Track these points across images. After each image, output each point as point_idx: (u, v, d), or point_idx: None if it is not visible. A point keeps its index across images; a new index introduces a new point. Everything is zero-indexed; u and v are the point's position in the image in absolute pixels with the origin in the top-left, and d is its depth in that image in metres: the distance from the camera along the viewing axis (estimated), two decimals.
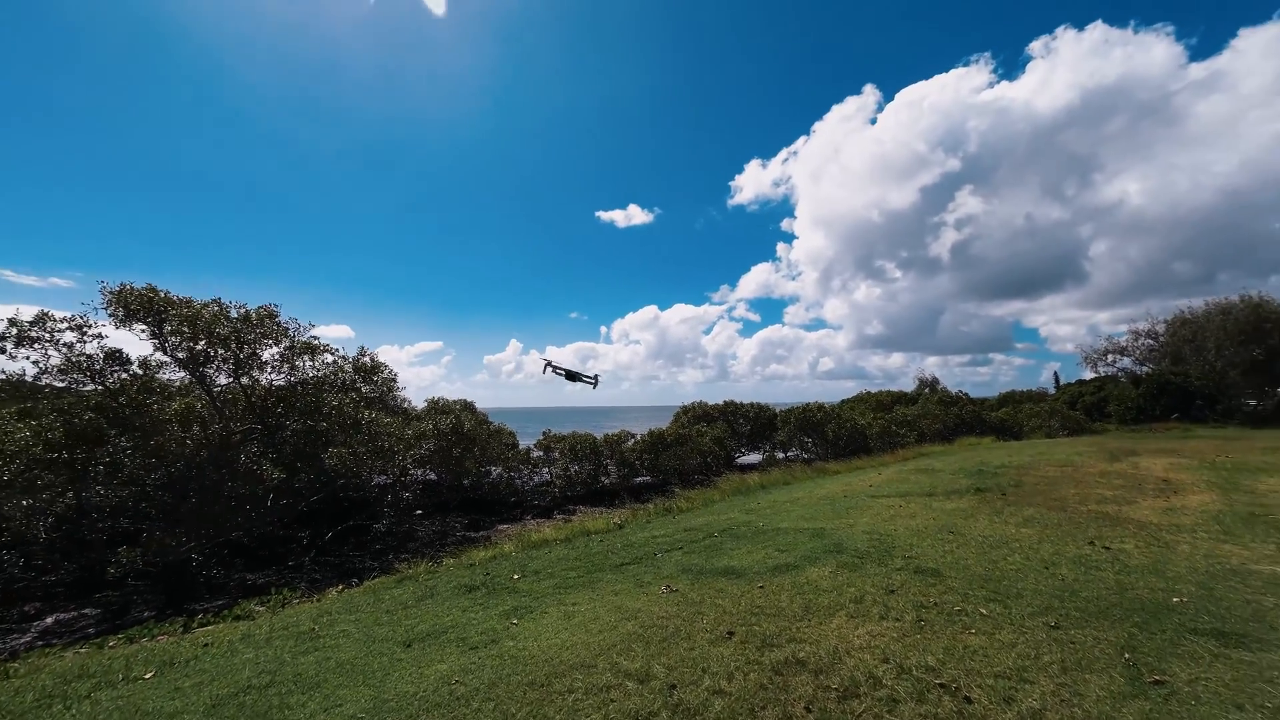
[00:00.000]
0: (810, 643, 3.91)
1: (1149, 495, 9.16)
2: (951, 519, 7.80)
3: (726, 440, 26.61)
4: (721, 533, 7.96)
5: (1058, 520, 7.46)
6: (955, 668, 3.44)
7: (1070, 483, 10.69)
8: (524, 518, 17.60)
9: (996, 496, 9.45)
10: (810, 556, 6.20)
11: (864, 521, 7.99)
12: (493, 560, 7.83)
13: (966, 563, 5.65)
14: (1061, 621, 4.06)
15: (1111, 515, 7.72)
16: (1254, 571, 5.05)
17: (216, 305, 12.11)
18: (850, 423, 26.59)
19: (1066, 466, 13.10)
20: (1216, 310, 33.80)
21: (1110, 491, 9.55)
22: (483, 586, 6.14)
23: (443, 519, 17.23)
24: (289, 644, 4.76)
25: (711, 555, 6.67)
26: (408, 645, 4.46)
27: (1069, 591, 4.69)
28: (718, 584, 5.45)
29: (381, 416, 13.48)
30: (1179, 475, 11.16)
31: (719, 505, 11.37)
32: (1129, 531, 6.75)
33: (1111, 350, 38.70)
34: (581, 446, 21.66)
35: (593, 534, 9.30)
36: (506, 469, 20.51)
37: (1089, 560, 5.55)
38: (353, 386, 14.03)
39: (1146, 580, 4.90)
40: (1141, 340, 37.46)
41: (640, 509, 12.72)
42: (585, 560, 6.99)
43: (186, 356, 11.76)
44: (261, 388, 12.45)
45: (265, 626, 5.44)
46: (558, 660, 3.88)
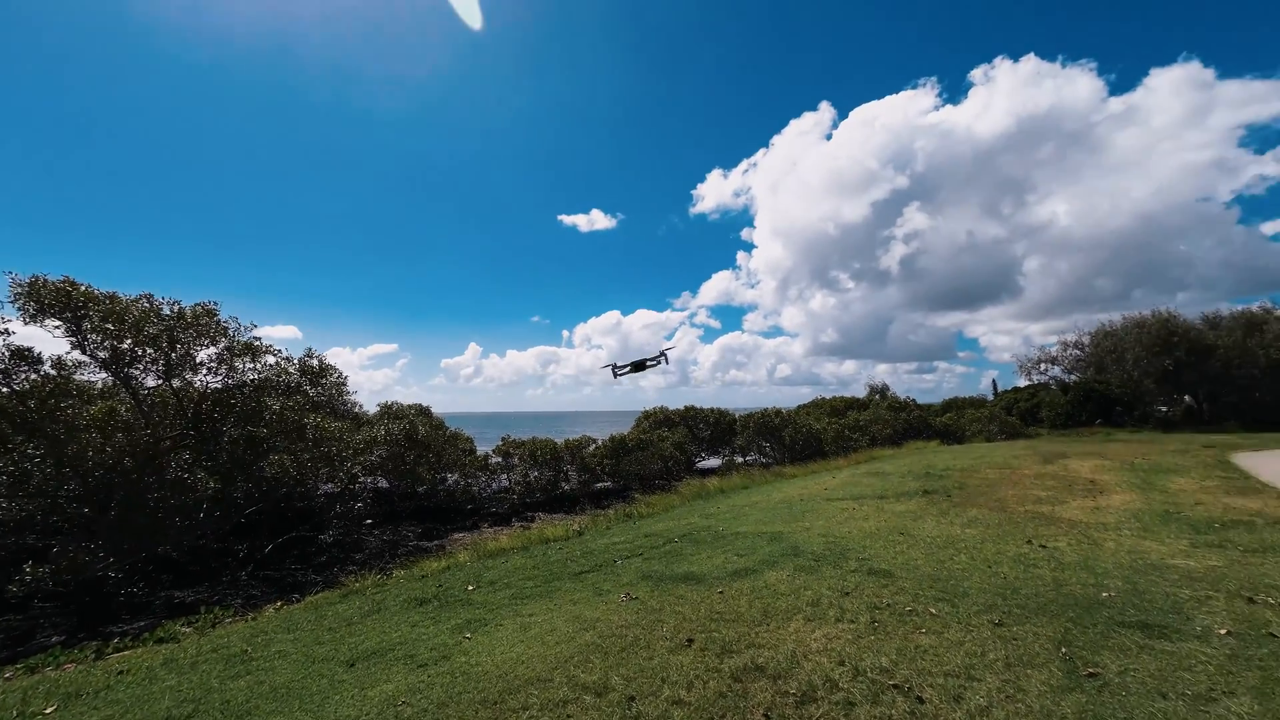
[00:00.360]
0: (769, 648, 3.92)
1: (1078, 495, 9.78)
2: (902, 521, 8.08)
3: (687, 445, 26.80)
4: (681, 538, 7.95)
5: (999, 520, 7.84)
6: (908, 668, 3.53)
7: (1009, 484, 11.30)
8: (481, 526, 17.11)
9: (943, 498, 9.87)
10: (769, 560, 6.26)
11: (820, 525, 8.16)
12: (446, 571, 7.54)
13: (916, 563, 5.84)
14: (1004, 619, 4.24)
15: (1046, 515, 8.18)
16: (1171, 566, 5.44)
17: (146, 301, 11.21)
18: (806, 427, 27.29)
19: (1005, 469, 13.85)
20: (1133, 324, 36.71)
21: (1044, 492, 10.14)
22: (435, 599, 5.89)
23: (394, 529, 16.54)
24: (218, 668, 4.40)
25: (671, 561, 6.65)
26: (351, 665, 4.20)
27: (1010, 589, 4.91)
28: (678, 590, 5.42)
29: (329, 421, 12.81)
30: (1103, 476, 11.99)
31: (679, 510, 11.39)
32: (1062, 530, 7.16)
33: (1044, 360, 41.37)
34: (542, 452, 21.31)
35: (551, 542, 9.12)
36: (463, 476, 19.92)
37: (1027, 559, 5.85)
38: (298, 390, 13.29)
39: (1079, 576, 5.20)
40: (1069, 351, 40.23)
41: (600, 515, 12.59)
42: (543, 569, 6.82)
43: (109, 356, 10.83)
44: (195, 391, 11.61)
45: (192, 649, 5.02)
46: (512, 675, 3.74)
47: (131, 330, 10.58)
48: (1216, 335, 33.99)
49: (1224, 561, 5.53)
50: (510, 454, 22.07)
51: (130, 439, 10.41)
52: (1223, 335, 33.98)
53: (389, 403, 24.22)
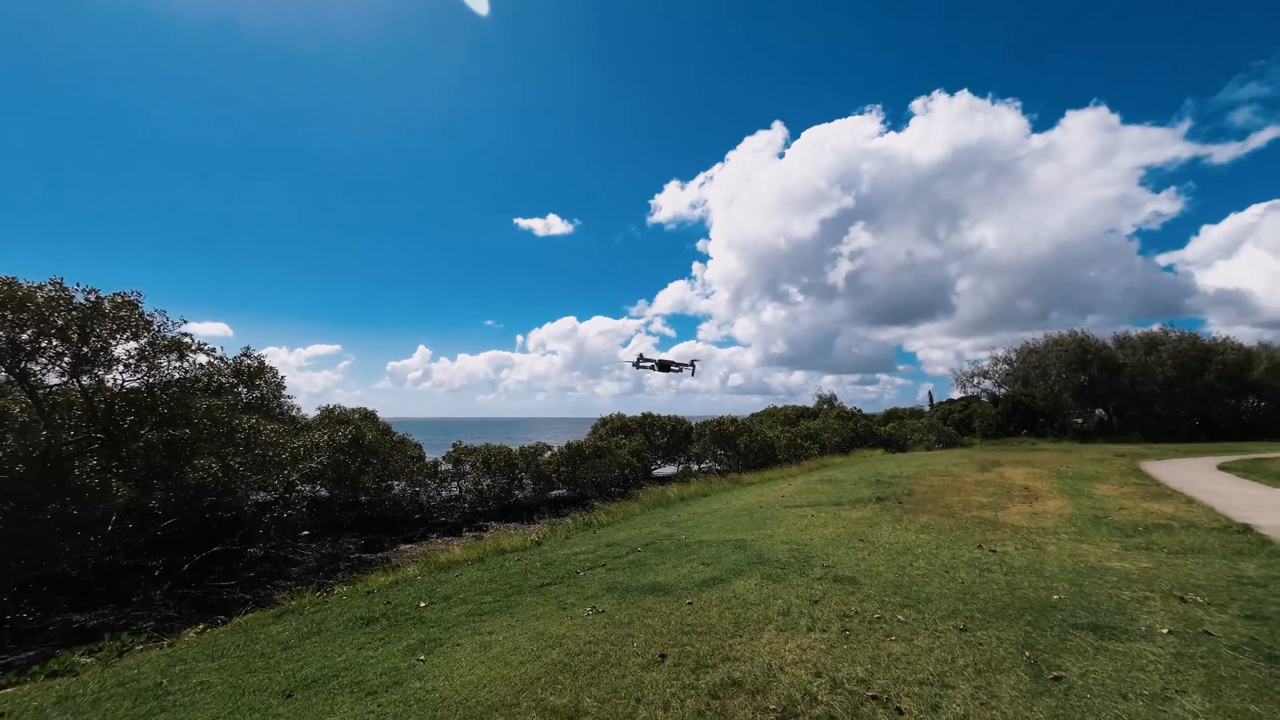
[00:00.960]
0: (744, 661, 3.82)
1: (1016, 501, 10.35)
2: (859, 527, 8.25)
3: (644, 452, 26.71)
4: (645, 547, 7.80)
5: (949, 526, 8.14)
6: (883, 677, 3.51)
7: (953, 491, 11.83)
8: (430, 537, 16.30)
9: (895, 505, 10.19)
10: (735, 569, 6.20)
11: (781, 532, 8.21)
12: (394, 586, 7.05)
13: (879, 570, 5.93)
14: (968, 624, 4.33)
15: (990, 520, 8.58)
16: (1109, 568, 5.77)
17: (54, 288, 10.01)
18: (760, 435, 27.82)
19: (947, 476, 14.53)
20: (1053, 343, 39.84)
21: (986, 499, 10.67)
22: (383, 618, 5.46)
23: (334, 540, 15.49)
24: (125, 705, 3.85)
25: (636, 572, 6.47)
26: (288, 696, 3.78)
27: (969, 594, 5.05)
28: (645, 602, 5.25)
29: (263, 424, 11.86)
30: (1036, 483, 12.78)
31: (640, 518, 11.22)
32: (1007, 535, 7.51)
33: (976, 374, 44.14)
34: (495, 459, 20.65)
35: (508, 552, 8.75)
36: (411, 484, 18.98)
37: (980, 563, 6.06)
38: (230, 390, 12.24)
39: (1029, 580, 5.42)
40: (999, 365, 43.13)
41: (558, 524, 12.24)
42: (502, 582, 6.49)
43: (4, 348, 9.60)
44: (108, 390, 10.47)
45: (93, 684, 4.40)
46: (474, 701, 3.46)
47: (34, 320, 9.43)
48: (1124, 354, 37.41)
49: (1153, 563, 5.92)
50: (462, 461, 21.25)
51: (23, 443, 9.23)
52: (1129, 354, 37.44)
53: (331, 406, 22.83)
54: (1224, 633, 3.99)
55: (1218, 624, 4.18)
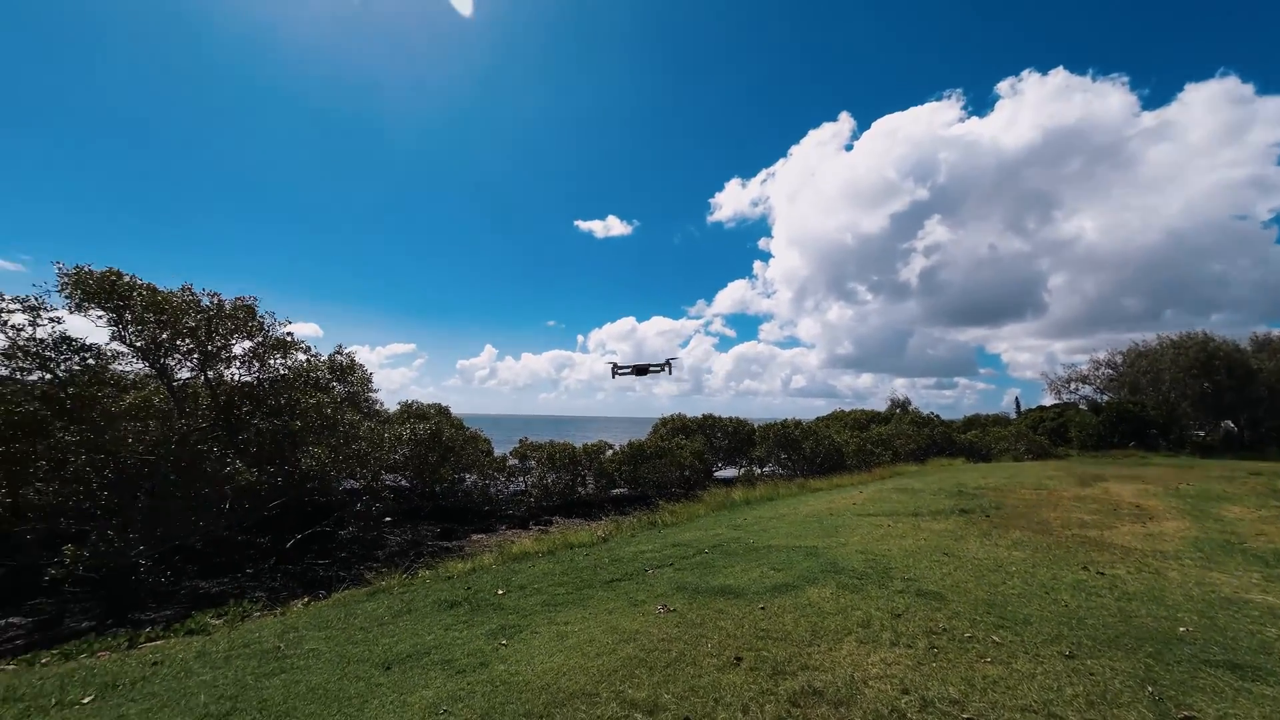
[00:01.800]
0: (824, 670, 3.71)
1: (1126, 520, 9.34)
2: (942, 540, 7.76)
3: (705, 454, 26.49)
4: (712, 549, 7.74)
5: (1046, 544, 7.48)
6: (979, 700, 3.29)
7: (1048, 506, 10.85)
8: (498, 528, 17.03)
9: (981, 518, 9.50)
10: (808, 576, 6.02)
11: (855, 540, 7.88)
12: (473, 573, 7.42)
13: (967, 586, 5.56)
14: (1075, 650, 3.97)
15: (1096, 540, 7.79)
16: (1248, 601, 5.08)
17: (187, 294, 11.41)
18: (828, 440, 26.81)
19: (1041, 490, 13.35)
20: (1170, 345, 35.50)
21: (1089, 516, 9.70)
22: (465, 602, 5.76)
23: (413, 527, 16.55)
24: (251, 664, 4.32)
25: (705, 573, 6.44)
26: (387, 668, 4.08)
27: (1075, 618, 4.62)
28: (716, 604, 5.22)
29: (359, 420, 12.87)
30: (1149, 502, 11.46)
31: (704, 520, 11.15)
32: (1117, 556, 6.80)
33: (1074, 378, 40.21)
34: (560, 456, 21.22)
35: (576, 547, 8.97)
36: (481, 477, 19.90)
37: (1087, 586, 5.53)
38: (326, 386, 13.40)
39: (1148, 608, 4.88)
40: (1102, 370, 39.06)
41: (623, 522, 12.40)
42: (573, 575, 6.67)
43: (147, 346, 11.03)
44: (228, 384, 11.76)
45: (223, 643, 4.96)
46: (556, 688, 3.59)
47: (171, 321, 10.76)
48: (1261, 359, 32.69)
49: None
50: (528, 456, 22.01)
51: (163, 429, 10.54)
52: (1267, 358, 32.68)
53: (410, 402, 24.39)
54: None
55: None
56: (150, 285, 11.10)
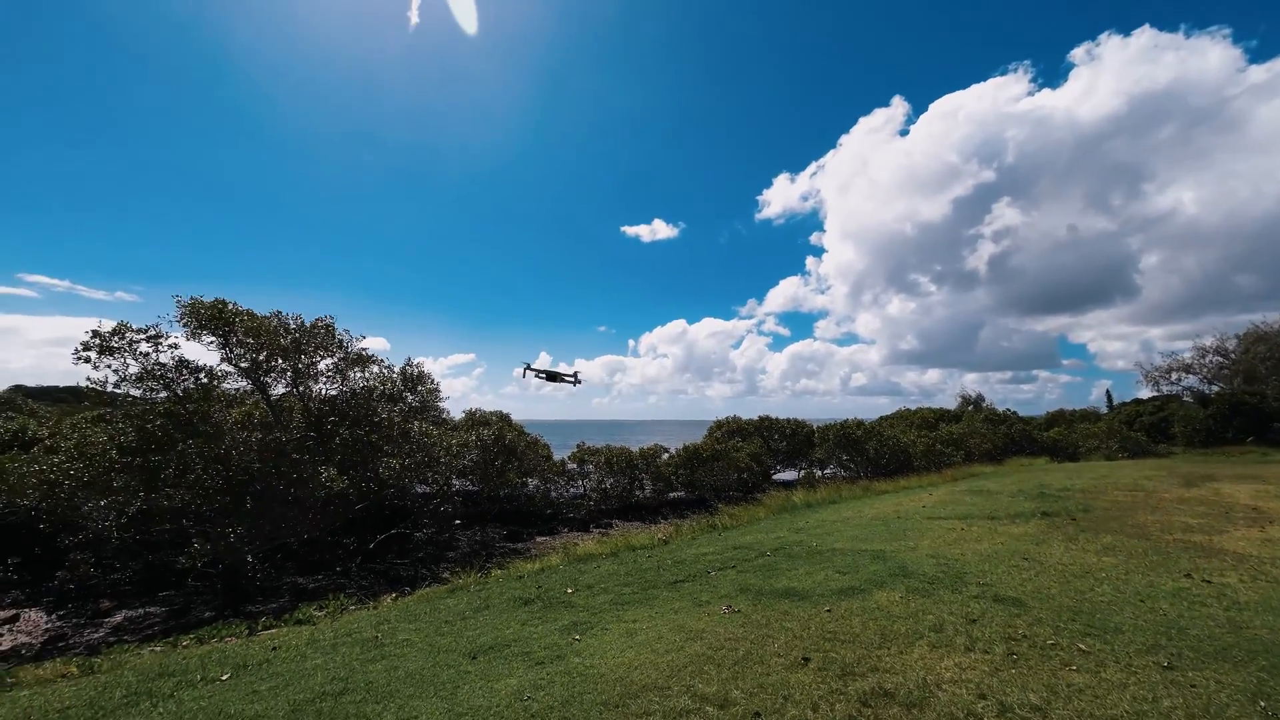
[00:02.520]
0: (895, 673, 3.70)
1: (1240, 525, 8.47)
2: (1021, 544, 7.37)
3: (763, 456, 26.12)
4: (774, 551, 7.72)
5: (1142, 549, 6.94)
6: (1063, 709, 3.19)
7: (1146, 509, 9.99)
8: (560, 530, 17.58)
9: (1066, 521, 8.91)
10: (875, 580, 5.92)
11: (925, 544, 7.62)
12: (542, 573, 7.79)
13: (1050, 592, 5.29)
14: (1175, 662, 3.73)
15: (1202, 545, 7.14)
16: None
17: (276, 318, 12.66)
18: (893, 440, 25.73)
19: (1137, 491, 12.28)
20: None
21: (1194, 520, 8.87)
22: (537, 600, 6.09)
23: (481, 529, 17.39)
24: (355, 651, 4.80)
25: (768, 575, 6.46)
26: (473, 657, 4.43)
27: (1175, 628, 4.32)
28: (781, 606, 5.25)
29: (430, 427, 13.75)
30: (1269, 504, 10.29)
31: (764, 523, 11.08)
32: (1227, 564, 6.22)
33: (1175, 368, 36.40)
34: (617, 460, 21.59)
35: (638, 549, 9.18)
36: (543, 481, 20.60)
37: (1190, 594, 5.12)
38: (399, 397, 14.41)
39: (1263, 619, 4.48)
40: (1209, 357, 35.14)
41: (681, 524, 12.52)
42: (637, 576, 6.87)
43: (249, 366, 12.30)
44: (316, 397, 12.88)
45: (329, 632, 5.52)
46: (629, 680, 3.78)
47: (268, 343, 11.96)
48: None
49: None
50: (585, 461, 22.55)
51: (264, 439, 11.71)
52: None
53: (474, 409, 25.61)
54: None
55: None
56: (249, 311, 12.40)
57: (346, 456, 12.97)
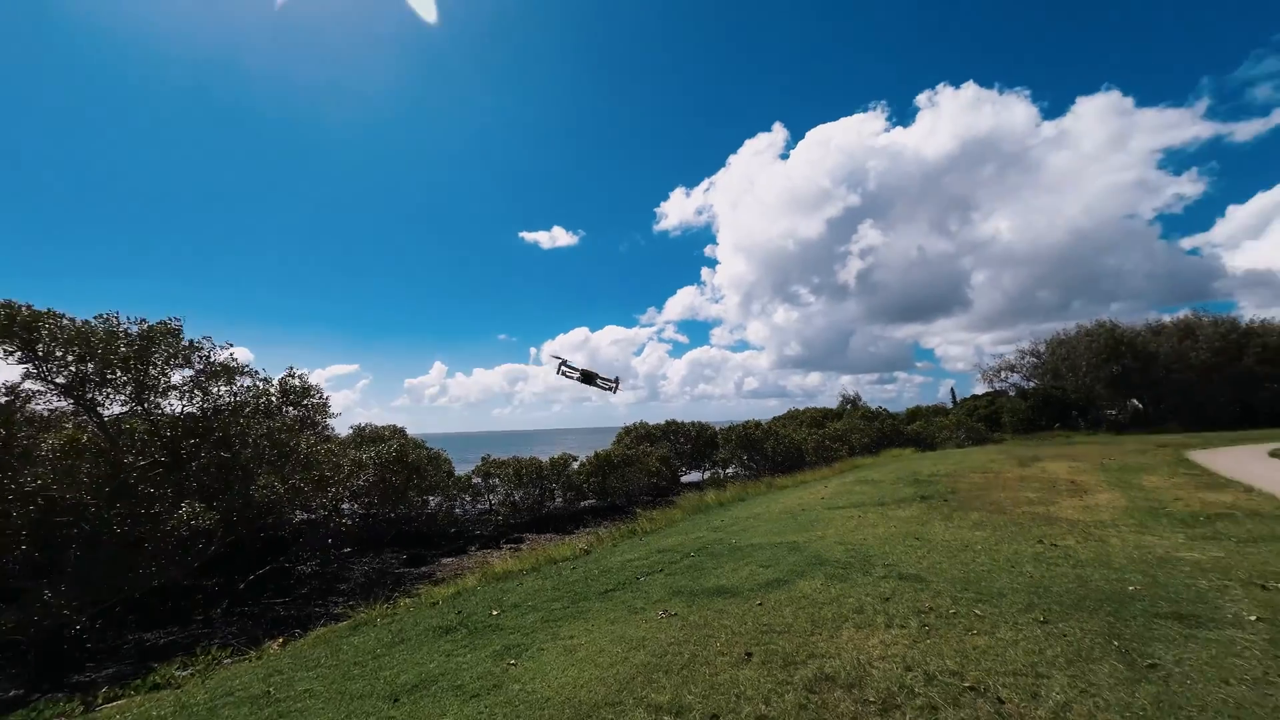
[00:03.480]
0: (831, 657, 3.91)
1: (1065, 495, 10.22)
2: (911, 526, 8.24)
3: (671, 459, 26.76)
4: (697, 552, 7.89)
5: (1003, 522, 8.10)
6: (975, 669, 3.57)
7: (997, 487, 11.71)
8: (469, 549, 16.54)
9: (940, 503, 10.13)
10: (796, 570, 6.27)
11: (832, 533, 8.24)
12: (459, 597, 7.23)
13: (942, 567, 5.95)
14: (1048, 616, 4.36)
15: (1044, 515, 8.50)
16: (1179, 559, 5.72)
17: (104, 322, 10.49)
18: (788, 439, 27.69)
19: (987, 473, 14.35)
20: (1083, 333, 39.01)
21: (1033, 494, 10.55)
22: (460, 626, 5.63)
23: (377, 556, 15.81)
24: (243, 711, 4.07)
25: (696, 575, 6.57)
26: (395, 700, 3.95)
27: (1041, 587, 5.06)
28: (715, 604, 5.35)
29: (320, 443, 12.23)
30: (1082, 477, 12.57)
31: (683, 524, 11.30)
32: (1064, 529, 7.45)
33: (1003, 368, 43.36)
34: (526, 471, 20.89)
35: (561, 561, 8.90)
36: (446, 498, 19.30)
37: (1045, 557, 6.05)
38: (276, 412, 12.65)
39: (1100, 572, 5.41)
40: (1026, 358, 42.36)
41: (600, 532, 12.37)
42: (565, 590, 6.63)
43: (70, 381, 10.09)
44: (167, 415, 10.91)
45: (201, 694, 4.63)
46: (578, 701, 3.60)
47: (97, 353, 9.90)
48: (1158, 342, 36.47)
49: (1224, 552, 5.85)
50: (491, 474, 21.54)
51: (94, 470, 9.66)
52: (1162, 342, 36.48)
53: (363, 425, 23.37)
54: None
55: None
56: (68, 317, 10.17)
57: (206, 483, 11.10)
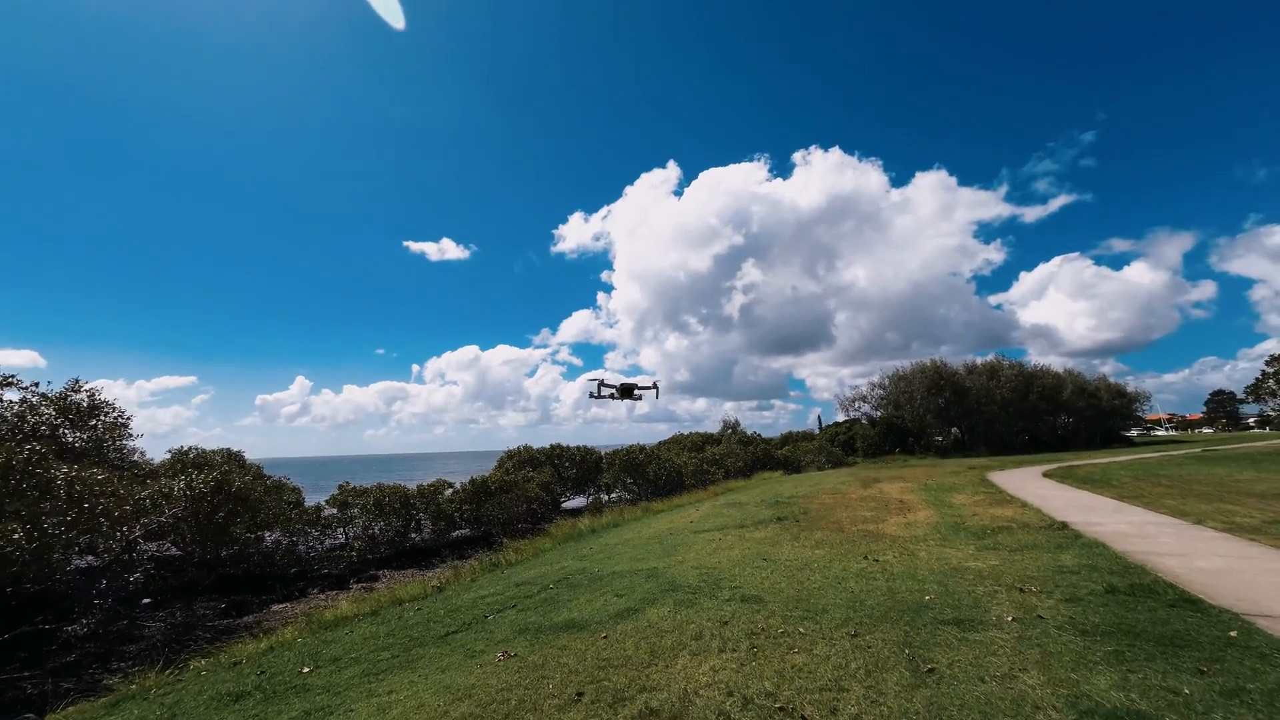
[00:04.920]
0: (660, 689, 3.88)
1: (894, 514, 11.56)
2: (763, 547, 8.73)
3: (553, 485, 26.09)
4: (557, 583, 7.62)
5: (839, 540, 8.89)
6: (788, 689, 3.75)
7: (841, 507, 12.93)
8: (309, 592, 14.51)
9: (793, 524, 10.91)
10: (648, 598, 6.27)
11: (691, 557, 8.45)
12: (269, 653, 6.22)
13: (781, 587, 6.32)
14: (859, 629, 4.76)
15: (873, 532, 9.50)
16: (967, 568, 6.65)
17: None
18: (669, 463, 28.44)
19: (836, 494, 15.86)
20: (917, 369, 45.48)
21: (869, 513, 11.80)
22: (256, 690, 4.79)
23: (186, 606, 13.23)
24: None
25: (549, 610, 6.31)
26: None
27: (859, 602, 5.55)
28: (560, 640, 5.14)
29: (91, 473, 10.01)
30: (909, 496, 14.36)
31: (551, 554, 10.94)
32: (887, 545, 8.36)
33: (857, 398, 48.87)
34: (389, 500, 19.06)
35: (406, 602, 8.10)
36: (287, 534, 16.86)
37: (867, 573, 6.69)
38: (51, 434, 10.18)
39: (906, 584, 6.08)
40: (875, 390, 48.18)
41: (462, 566, 11.54)
42: (401, 635, 5.99)
43: None
44: None
45: None
46: None
47: None
48: (971, 379, 43.64)
49: (999, 561, 6.92)
50: (350, 504, 19.35)
51: None
52: (975, 379, 43.73)
53: (185, 448, 19.80)
54: (1051, 616, 4.78)
55: (1047, 608, 4.99)
56: None
57: None
